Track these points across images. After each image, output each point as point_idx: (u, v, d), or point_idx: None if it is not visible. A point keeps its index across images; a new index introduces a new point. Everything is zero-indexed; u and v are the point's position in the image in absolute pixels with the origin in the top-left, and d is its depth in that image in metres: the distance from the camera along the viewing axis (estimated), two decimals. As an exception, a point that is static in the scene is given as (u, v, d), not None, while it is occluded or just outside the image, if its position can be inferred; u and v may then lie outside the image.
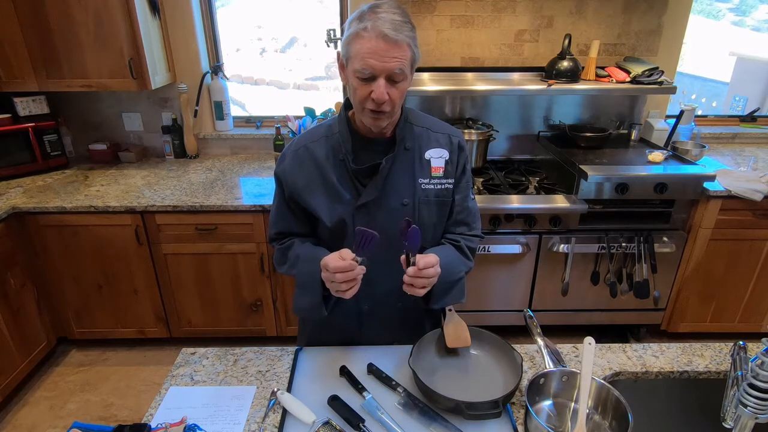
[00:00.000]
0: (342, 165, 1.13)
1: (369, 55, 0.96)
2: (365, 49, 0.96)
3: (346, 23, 1.03)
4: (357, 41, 0.97)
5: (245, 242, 2.26)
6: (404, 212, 1.14)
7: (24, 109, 2.46)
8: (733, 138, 2.91)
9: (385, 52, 0.96)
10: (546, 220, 2.28)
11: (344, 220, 1.14)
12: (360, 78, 0.99)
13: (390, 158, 1.11)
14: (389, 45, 0.95)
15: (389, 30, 0.95)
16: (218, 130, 2.83)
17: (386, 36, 0.95)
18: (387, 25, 0.95)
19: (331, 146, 1.14)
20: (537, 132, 2.74)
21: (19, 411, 2.20)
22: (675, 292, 2.46)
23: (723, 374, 1.14)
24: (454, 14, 2.53)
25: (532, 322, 1.18)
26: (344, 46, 1.02)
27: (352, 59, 0.99)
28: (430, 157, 1.16)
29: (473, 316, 2.49)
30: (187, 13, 2.55)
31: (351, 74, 1.01)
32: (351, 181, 1.13)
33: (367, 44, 0.96)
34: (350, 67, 1.01)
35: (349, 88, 1.05)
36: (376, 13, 0.97)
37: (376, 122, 1.05)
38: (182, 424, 0.98)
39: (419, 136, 1.16)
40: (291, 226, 1.21)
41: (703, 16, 6.71)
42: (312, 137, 1.16)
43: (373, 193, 1.11)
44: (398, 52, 0.97)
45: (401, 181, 1.14)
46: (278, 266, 1.25)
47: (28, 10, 2.20)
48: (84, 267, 2.31)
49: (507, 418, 1.01)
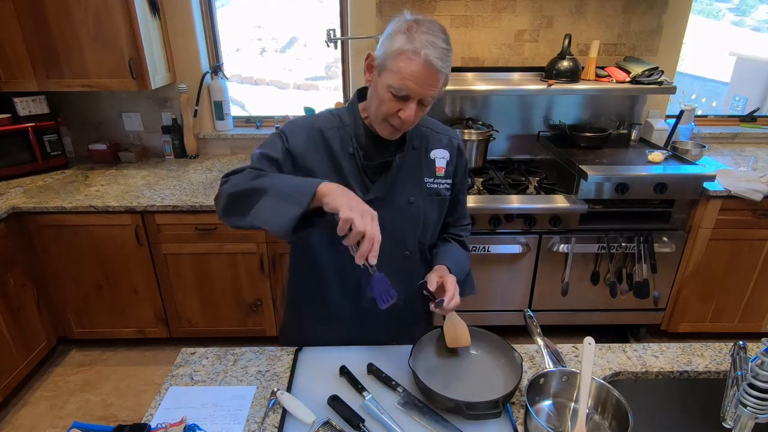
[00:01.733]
0: (352, 158, 1.12)
1: (410, 79, 0.96)
2: (409, 71, 0.96)
3: (389, 29, 1.00)
4: (401, 59, 0.96)
5: (245, 242, 2.26)
6: (411, 210, 1.17)
7: (24, 109, 2.46)
8: (733, 138, 2.91)
9: (427, 79, 0.97)
10: (546, 220, 2.28)
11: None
12: (393, 94, 0.99)
13: (402, 155, 1.12)
14: (431, 73, 0.96)
15: (436, 60, 0.95)
16: (218, 130, 2.83)
17: (432, 65, 0.95)
18: (436, 53, 0.95)
19: (341, 138, 1.13)
20: (537, 132, 2.74)
21: (19, 411, 2.20)
22: (675, 292, 2.46)
23: (723, 374, 1.14)
24: (454, 14, 2.53)
25: (532, 322, 1.18)
26: (384, 56, 0.99)
27: (390, 72, 0.98)
28: (435, 156, 1.19)
29: (473, 316, 2.49)
30: (187, 13, 2.55)
31: (383, 85, 1.00)
32: (360, 175, 1.13)
33: (412, 67, 0.95)
34: (384, 78, 1.00)
35: (374, 94, 1.04)
36: (424, 34, 0.95)
37: (392, 135, 1.07)
38: (182, 424, 0.98)
39: (425, 136, 1.19)
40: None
41: (703, 16, 6.71)
42: (326, 122, 1.14)
43: (382, 189, 1.12)
44: (438, 81, 0.98)
45: (409, 180, 1.16)
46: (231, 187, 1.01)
47: (28, 10, 2.20)
48: (84, 267, 2.31)
49: (507, 418, 1.01)
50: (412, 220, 1.19)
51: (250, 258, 2.31)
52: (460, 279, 1.21)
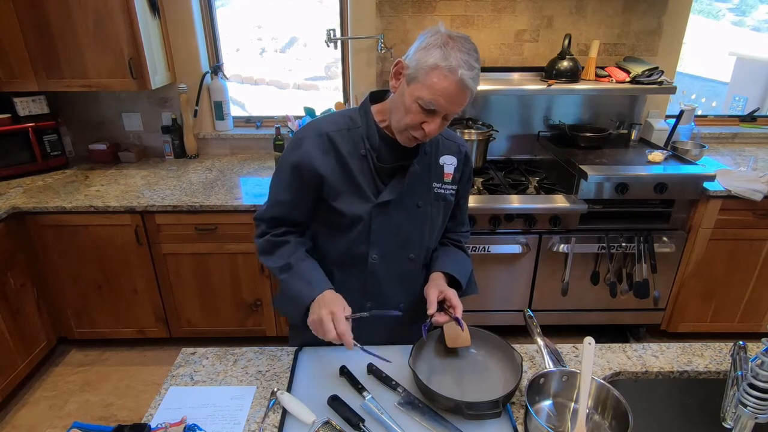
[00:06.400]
0: (364, 160, 1.12)
1: (442, 95, 0.97)
2: (441, 87, 0.96)
3: (424, 41, 0.99)
4: (435, 74, 0.96)
5: (245, 242, 2.26)
6: (419, 213, 1.19)
7: (24, 109, 2.46)
8: (733, 138, 2.91)
9: (457, 97, 0.98)
10: (546, 220, 2.28)
11: (360, 216, 1.14)
12: (420, 106, 1.00)
13: (417, 160, 1.13)
14: (462, 92, 0.98)
15: (469, 80, 0.96)
16: (218, 130, 2.83)
17: (465, 85, 0.96)
18: (470, 74, 0.96)
19: (352, 139, 1.13)
20: (537, 132, 2.74)
21: (19, 411, 2.20)
22: (675, 292, 2.46)
23: (723, 374, 1.14)
24: (454, 14, 2.53)
25: (532, 322, 1.18)
26: (417, 67, 0.99)
27: (421, 85, 0.98)
28: (444, 163, 1.21)
29: (473, 316, 2.49)
30: (187, 13, 2.55)
31: (411, 96, 1.00)
32: (372, 177, 1.14)
33: (445, 83, 0.96)
34: (414, 90, 0.99)
35: (400, 102, 1.04)
36: (460, 52, 0.96)
37: (410, 143, 1.08)
38: (182, 424, 0.98)
39: (435, 142, 1.20)
40: (292, 213, 1.18)
41: (702, 16, 6.71)
42: (334, 125, 1.13)
43: (395, 192, 1.13)
44: (466, 99, 1.00)
45: (418, 184, 1.17)
46: (262, 256, 1.21)
47: (28, 10, 2.20)
48: (84, 267, 2.31)
49: (507, 418, 1.01)
50: (419, 223, 1.20)
51: (250, 258, 2.30)
52: (464, 282, 1.24)
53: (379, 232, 1.15)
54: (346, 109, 1.22)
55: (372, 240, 1.16)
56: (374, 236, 1.16)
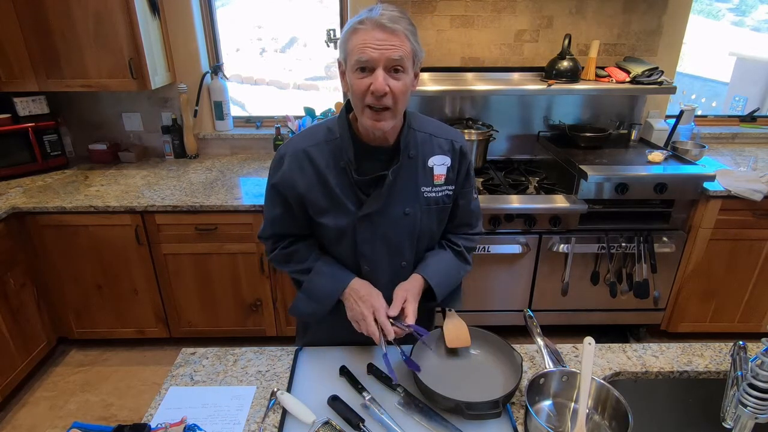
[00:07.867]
0: (343, 173, 1.10)
1: (366, 45, 0.95)
2: (361, 40, 0.96)
3: (342, 31, 1.02)
4: (354, 35, 0.97)
5: (245, 242, 2.26)
6: (406, 221, 1.14)
7: (24, 109, 2.46)
8: (733, 138, 2.91)
9: (383, 41, 0.95)
10: (546, 220, 2.28)
11: (345, 230, 1.13)
12: (358, 70, 0.98)
13: (395, 170, 1.08)
14: (387, 34, 0.95)
15: (386, 21, 0.95)
16: (218, 130, 2.83)
17: (383, 25, 0.95)
18: (384, 17, 0.95)
19: (330, 151, 1.10)
20: (537, 132, 2.74)
21: (19, 411, 2.20)
22: (675, 292, 2.46)
23: (723, 374, 1.14)
24: (454, 14, 2.53)
25: (532, 322, 1.18)
26: (342, 46, 1.01)
27: (350, 54, 0.98)
28: (433, 164, 1.14)
29: (473, 316, 2.49)
30: (187, 13, 2.55)
31: (350, 71, 1.00)
32: (353, 190, 1.11)
33: (364, 35, 0.95)
34: (349, 64, 1.00)
35: (350, 91, 1.02)
36: (371, 10, 0.97)
37: (377, 123, 1.01)
38: (182, 424, 0.98)
39: (423, 143, 1.13)
40: (289, 227, 1.20)
41: (703, 16, 6.71)
42: (311, 140, 1.11)
43: (376, 204, 1.10)
44: (396, 41, 0.96)
45: (404, 190, 1.12)
46: (279, 264, 1.24)
47: (28, 10, 2.20)
48: (84, 267, 2.31)
49: (507, 418, 1.01)
50: (407, 231, 1.15)
51: (250, 258, 2.30)
52: (443, 292, 1.18)
53: (366, 243, 1.14)
54: (327, 118, 1.19)
55: (360, 251, 1.15)
56: (361, 248, 1.14)
